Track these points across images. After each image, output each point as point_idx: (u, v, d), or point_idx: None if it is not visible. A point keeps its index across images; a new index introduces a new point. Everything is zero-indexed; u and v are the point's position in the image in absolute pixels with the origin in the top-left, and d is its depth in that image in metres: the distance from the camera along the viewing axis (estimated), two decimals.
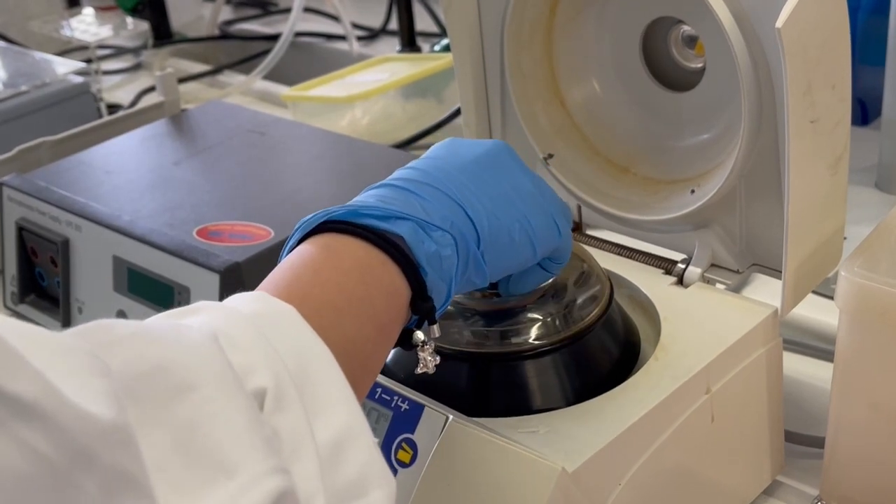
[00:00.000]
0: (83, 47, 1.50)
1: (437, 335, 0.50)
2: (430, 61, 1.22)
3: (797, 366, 0.76)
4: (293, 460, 0.36)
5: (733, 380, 0.58)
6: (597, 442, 0.50)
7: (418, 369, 0.50)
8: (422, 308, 0.48)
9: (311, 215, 0.49)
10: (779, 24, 0.50)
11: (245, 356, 0.38)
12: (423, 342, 0.49)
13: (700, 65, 0.66)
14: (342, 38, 1.53)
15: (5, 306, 0.95)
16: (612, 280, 0.60)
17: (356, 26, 1.57)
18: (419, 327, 0.49)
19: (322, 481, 0.37)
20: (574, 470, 0.48)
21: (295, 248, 0.48)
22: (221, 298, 0.73)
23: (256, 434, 0.35)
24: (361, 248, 0.47)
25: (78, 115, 1.14)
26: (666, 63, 0.68)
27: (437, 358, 0.50)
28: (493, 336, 0.56)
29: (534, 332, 0.56)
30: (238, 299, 0.43)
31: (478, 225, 0.50)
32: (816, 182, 0.58)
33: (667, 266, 0.65)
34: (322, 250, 0.47)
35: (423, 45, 1.43)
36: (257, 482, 0.34)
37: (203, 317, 0.40)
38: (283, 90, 1.26)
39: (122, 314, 0.82)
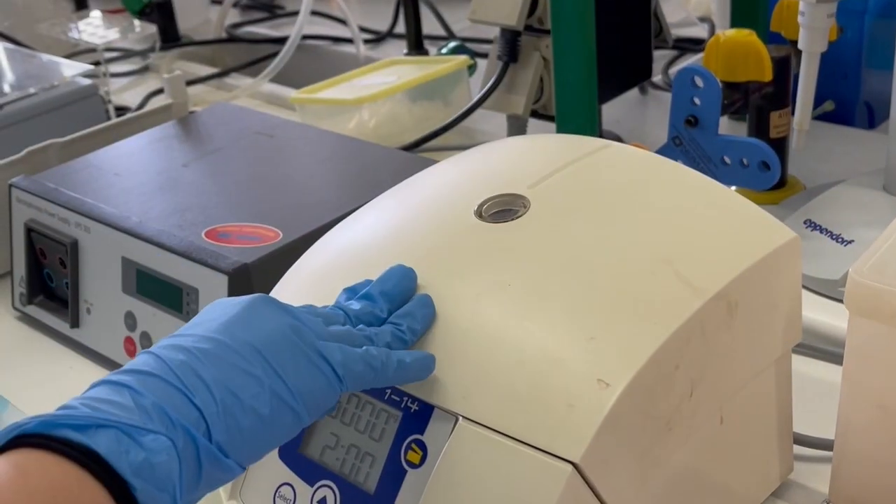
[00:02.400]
0: (91, 50, 1.50)
1: None
2: (436, 64, 1.23)
3: (806, 368, 0.76)
4: None
5: (743, 384, 0.58)
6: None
7: None
8: None
9: (2, 430, 0.43)
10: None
11: None
12: None
13: None
14: (349, 41, 1.53)
15: (14, 307, 0.95)
16: None
17: (363, 29, 1.57)
18: None
19: None
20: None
21: None
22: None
23: None
24: (56, 465, 0.41)
25: (86, 118, 1.15)
26: None
27: None
28: None
29: None
30: None
31: (206, 413, 0.45)
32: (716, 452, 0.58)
33: None
34: (9, 470, 0.41)
35: (430, 48, 1.43)
36: None
37: None
38: (290, 93, 1.27)
39: (130, 315, 0.83)
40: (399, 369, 0.51)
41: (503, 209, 0.60)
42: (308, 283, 0.62)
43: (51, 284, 0.92)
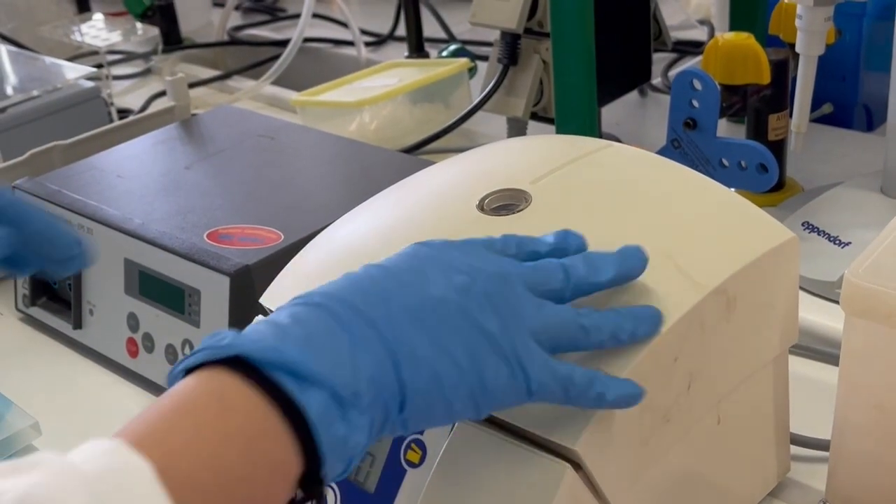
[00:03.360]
0: (93, 52, 1.51)
1: None
2: (437, 67, 1.23)
3: (803, 369, 0.77)
4: None
5: (740, 383, 0.59)
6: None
7: None
8: (311, 489, 0.41)
9: (220, 338, 0.42)
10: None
11: None
12: None
13: None
14: (350, 43, 1.54)
15: (17, 309, 0.96)
16: None
17: (364, 32, 1.57)
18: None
19: None
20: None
21: (192, 371, 0.41)
22: (232, 301, 0.75)
23: None
24: (260, 412, 0.40)
25: (89, 120, 1.15)
26: None
27: None
28: None
29: None
30: (88, 451, 0.37)
31: (408, 392, 0.43)
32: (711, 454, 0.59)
33: None
34: (212, 402, 0.40)
35: (431, 50, 1.44)
36: None
37: (30, 477, 0.34)
38: (291, 95, 1.27)
39: (132, 316, 0.83)
40: (597, 402, 0.46)
41: (505, 203, 0.61)
42: (312, 275, 0.62)
43: (53, 286, 0.93)
